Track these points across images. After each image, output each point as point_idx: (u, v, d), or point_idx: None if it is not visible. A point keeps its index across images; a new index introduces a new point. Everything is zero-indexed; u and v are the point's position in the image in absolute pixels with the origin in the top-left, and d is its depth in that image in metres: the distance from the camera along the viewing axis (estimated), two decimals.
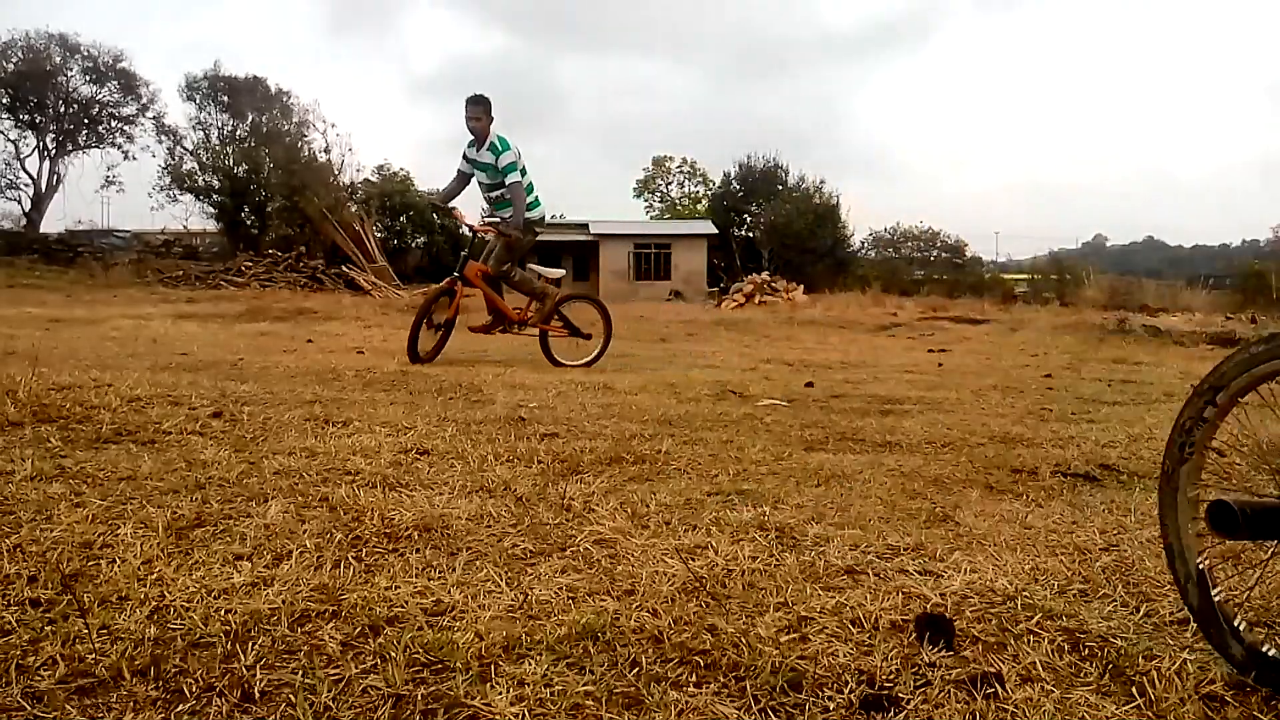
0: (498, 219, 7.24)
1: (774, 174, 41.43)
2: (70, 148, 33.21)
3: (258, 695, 1.39)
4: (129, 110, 33.44)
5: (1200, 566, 1.59)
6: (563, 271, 8.28)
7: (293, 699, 1.37)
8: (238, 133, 31.90)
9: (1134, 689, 1.47)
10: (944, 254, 41.37)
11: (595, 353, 7.70)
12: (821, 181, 40.79)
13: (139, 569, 1.85)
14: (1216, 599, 1.57)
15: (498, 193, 7.07)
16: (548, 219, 7.95)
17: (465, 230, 7.33)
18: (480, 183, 7.14)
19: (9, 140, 31.86)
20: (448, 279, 7.06)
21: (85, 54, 32.28)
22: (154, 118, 33.42)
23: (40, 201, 32.67)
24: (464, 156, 7.12)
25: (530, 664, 1.50)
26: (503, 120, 6.84)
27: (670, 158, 52.81)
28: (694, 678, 1.50)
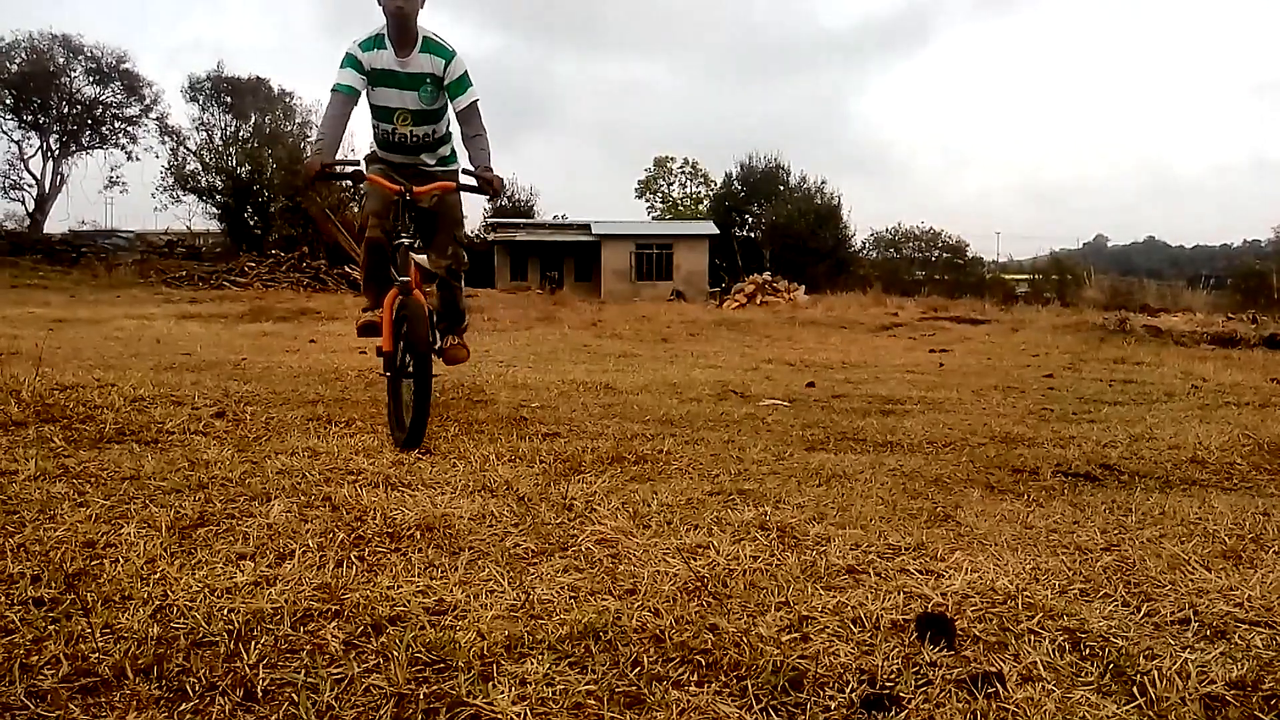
0: (447, 169, 4.21)
1: (775, 174, 41.46)
2: (74, 148, 33.28)
3: (260, 694, 1.39)
4: (132, 111, 33.51)
5: None
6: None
7: (295, 698, 1.38)
8: (240, 133, 31.92)
9: (1135, 689, 1.47)
10: (945, 254, 41.32)
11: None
12: (823, 182, 40.90)
13: (142, 568, 1.86)
14: None
15: (431, 127, 4.05)
16: (553, 219, 6.13)
17: (395, 197, 3.72)
18: (390, 109, 3.96)
19: (13, 141, 31.96)
20: (397, 294, 3.63)
21: (88, 55, 32.33)
22: (157, 118, 33.51)
23: (44, 202, 32.71)
24: (355, 64, 3.83)
25: (532, 663, 1.51)
26: (502, 121, 4.61)
27: (672, 158, 52.86)
28: (695, 677, 1.50)
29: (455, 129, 4.12)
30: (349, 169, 3.80)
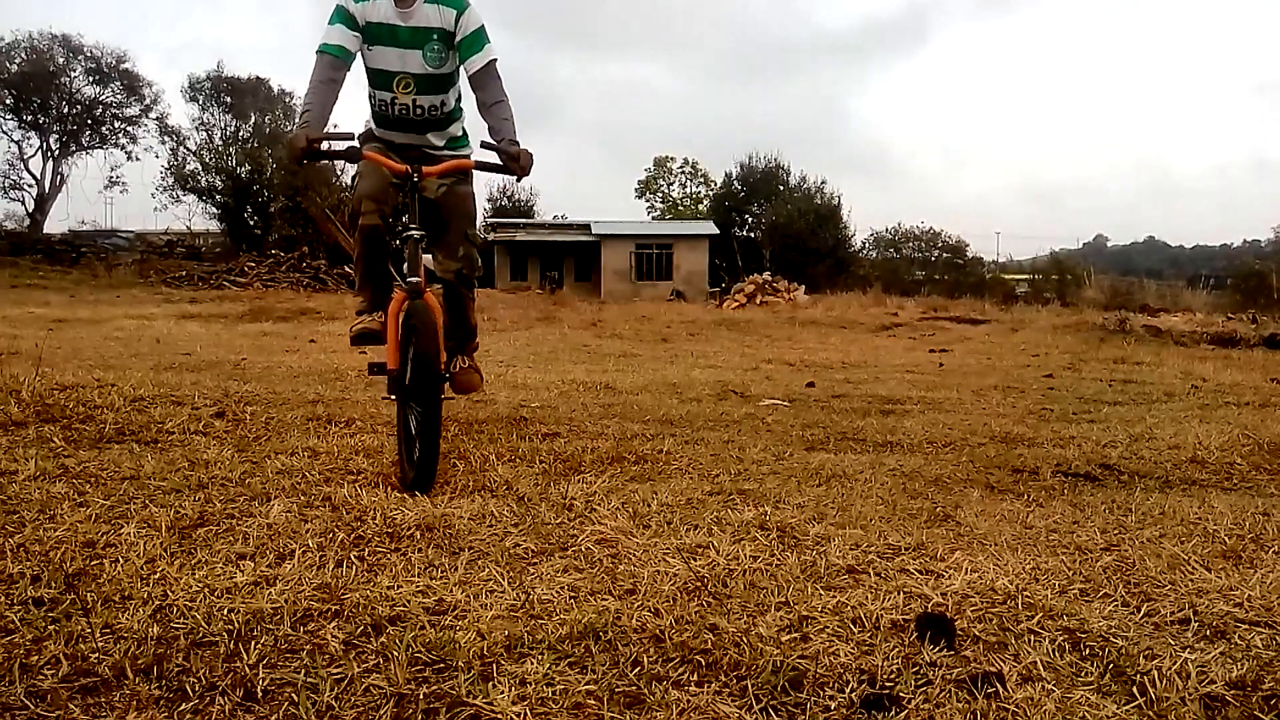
0: (458, 154, 3.48)
1: (775, 174, 41.43)
2: (74, 148, 33.27)
3: (260, 694, 1.39)
4: (132, 111, 33.50)
5: None
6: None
7: (295, 698, 1.38)
8: (240, 133, 31.94)
9: (1135, 689, 1.47)
10: (945, 254, 41.28)
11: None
12: (823, 181, 40.89)
13: (142, 568, 1.86)
14: None
15: (439, 97, 3.32)
16: (553, 219, 5.24)
17: (392, 180, 3.13)
18: (389, 74, 3.25)
19: (13, 141, 31.95)
20: (404, 299, 2.97)
21: (88, 55, 32.33)
22: (157, 118, 33.50)
23: (44, 202, 32.71)
24: (345, 18, 3.17)
25: (532, 663, 1.51)
26: None
27: (672, 158, 52.84)
28: (695, 677, 1.50)
29: (467, 103, 3.41)
30: (342, 145, 3.08)
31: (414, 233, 3.02)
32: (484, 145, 3.19)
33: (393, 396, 3.00)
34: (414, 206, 3.05)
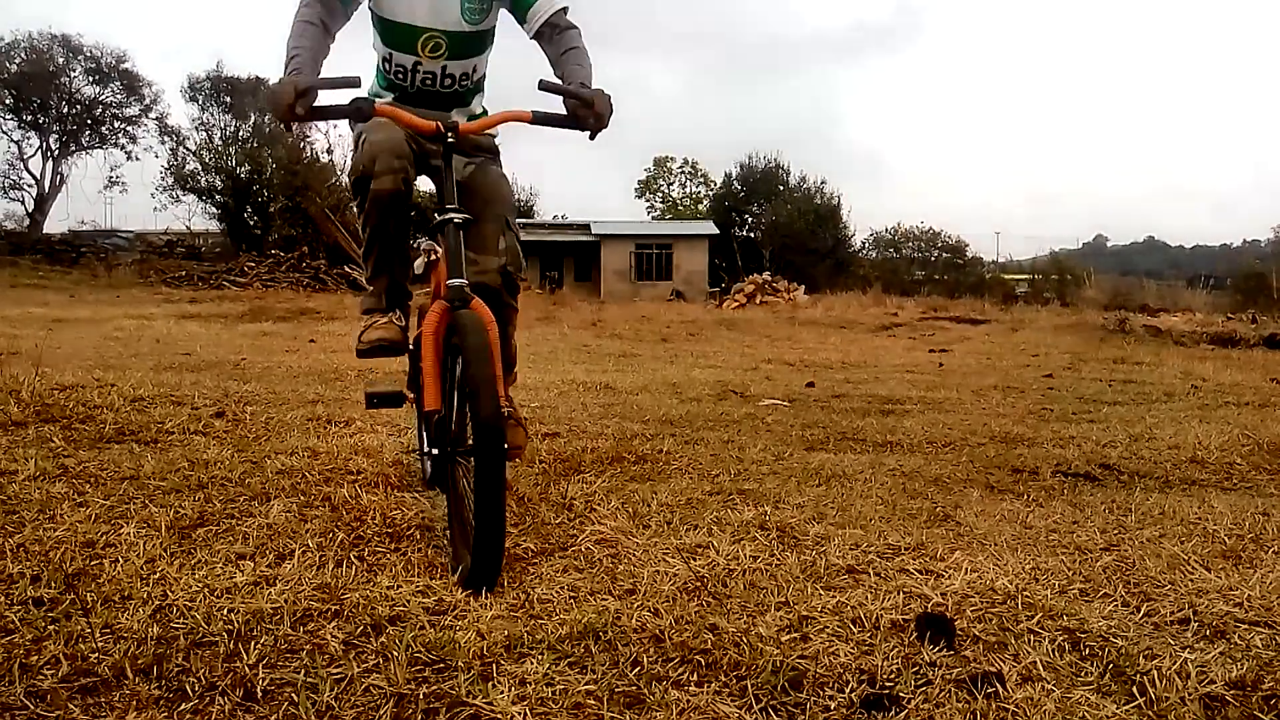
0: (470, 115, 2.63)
1: (775, 174, 41.45)
2: (73, 148, 33.29)
3: (260, 694, 1.39)
4: (132, 111, 33.53)
5: None
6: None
7: (295, 698, 1.38)
8: (240, 133, 31.94)
9: (1134, 689, 1.47)
10: (944, 254, 41.29)
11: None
12: (822, 182, 40.93)
13: (142, 568, 1.86)
14: None
15: (471, 61, 2.58)
16: (553, 219, 4.56)
17: (411, 143, 2.37)
18: (414, 30, 2.46)
19: (12, 141, 31.96)
20: (444, 310, 2.11)
21: (88, 55, 32.35)
22: (157, 118, 33.52)
23: (43, 202, 32.72)
24: None
25: (532, 663, 1.51)
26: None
27: (671, 158, 52.86)
28: (695, 677, 1.50)
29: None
30: (344, 96, 2.22)
31: (454, 217, 2.18)
32: (544, 87, 2.30)
33: (435, 450, 2.12)
34: (448, 179, 2.22)
